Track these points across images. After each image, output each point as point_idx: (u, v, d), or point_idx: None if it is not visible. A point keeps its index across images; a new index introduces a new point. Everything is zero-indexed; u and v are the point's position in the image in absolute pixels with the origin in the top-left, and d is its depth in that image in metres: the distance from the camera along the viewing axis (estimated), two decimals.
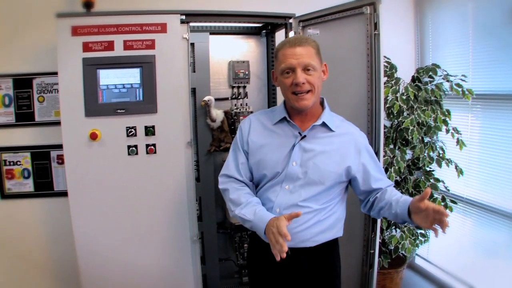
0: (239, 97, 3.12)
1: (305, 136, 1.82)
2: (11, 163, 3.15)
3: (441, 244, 3.48)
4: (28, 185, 3.20)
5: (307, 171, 1.79)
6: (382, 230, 3.06)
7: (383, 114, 2.16)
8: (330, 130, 1.83)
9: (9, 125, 3.13)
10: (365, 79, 2.19)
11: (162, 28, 2.47)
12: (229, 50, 3.16)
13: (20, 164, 3.17)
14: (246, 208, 1.79)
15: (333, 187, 1.82)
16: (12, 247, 3.24)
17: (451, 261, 3.42)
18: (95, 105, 2.43)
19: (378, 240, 2.24)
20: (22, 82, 3.11)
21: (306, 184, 1.80)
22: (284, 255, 1.55)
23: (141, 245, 2.58)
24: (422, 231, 3.20)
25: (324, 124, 1.83)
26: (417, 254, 3.75)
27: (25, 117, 3.14)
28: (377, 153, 2.16)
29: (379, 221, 2.22)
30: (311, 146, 1.80)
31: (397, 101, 2.95)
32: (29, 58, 3.10)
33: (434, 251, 3.62)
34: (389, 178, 2.93)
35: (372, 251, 2.26)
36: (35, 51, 3.09)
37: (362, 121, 2.25)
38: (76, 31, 2.39)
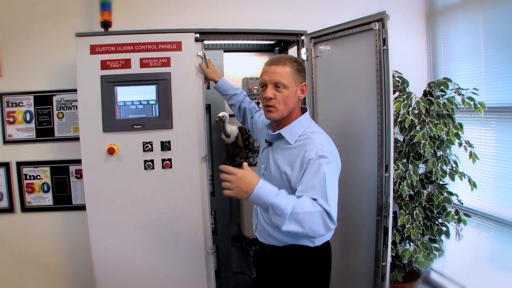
0: None
1: (271, 143, 2.00)
2: (32, 177, 3.24)
3: (457, 258, 3.46)
4: (48, 199, 3.27)
5: (266, 175, 1.98)
6: (395, 243, 3.06)
7: (392, 129, 2.18)
8: (288, 142, 1.90)
9: (30, 140, 3.23)
10: (374, 94, 2.22)
11: (177, 46, 2.54)
12: (243, 67, 3.23)
13: (40, 178, 3.25)
14: None
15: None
16: (31, 259, 3.31)
17: (467, 275, 3.38)
18: (112, 121, 2.49)
19: (389, 253, 2.24)
20: (43, 99, 3.21)
21: None
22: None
23: (156, 258, 2.61)
24: (436, 245, 3.19)
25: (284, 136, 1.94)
26: (432, 269, 3.72)
27: (45, 133, 3.24)
28: (387, 167, 2.18)
29: (390, 233, 2.22)
30: (272, 154, 1.98)
31: (409, 115, 2.97)
32: (49, 76, 3.21)
33: (449, 266, 3.58)
34: (401, 192, 2.94)
35: (383, 263, 2.26)
36: (55, 69, 3.20)
37: (372, 135, 2.27)
38: (94, 49, 2.47)
